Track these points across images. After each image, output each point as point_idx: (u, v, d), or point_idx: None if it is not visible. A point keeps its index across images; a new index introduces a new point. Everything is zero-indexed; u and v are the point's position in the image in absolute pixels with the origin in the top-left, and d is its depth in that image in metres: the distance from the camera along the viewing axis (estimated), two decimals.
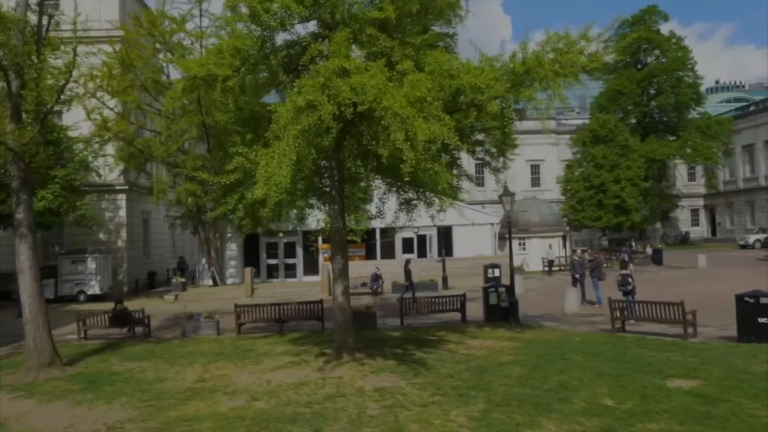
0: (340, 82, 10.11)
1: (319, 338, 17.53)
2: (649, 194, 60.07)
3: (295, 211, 15.93)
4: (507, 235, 40.38)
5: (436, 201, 13.73)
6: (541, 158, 68.06)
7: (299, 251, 36.72)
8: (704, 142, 61.32)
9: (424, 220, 17.89)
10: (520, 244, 40.15)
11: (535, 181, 69.07)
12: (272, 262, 36.79)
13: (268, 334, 18.85)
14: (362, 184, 15.60)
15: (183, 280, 32.16)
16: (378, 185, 15.22)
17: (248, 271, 30.85)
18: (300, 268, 36.78)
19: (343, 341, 14.10)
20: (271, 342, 17.34)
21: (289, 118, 10.10)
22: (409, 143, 9.69)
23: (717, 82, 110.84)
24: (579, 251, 24.07)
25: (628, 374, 11.91)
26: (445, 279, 30.80)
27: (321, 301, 19.42)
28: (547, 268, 37.87)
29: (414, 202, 15.31)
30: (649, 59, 64.77)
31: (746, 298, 14.42)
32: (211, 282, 34.05)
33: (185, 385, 12.59)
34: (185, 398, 11.52)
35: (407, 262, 26.98)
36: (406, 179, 10.97)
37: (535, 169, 69.08)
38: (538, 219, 41.03)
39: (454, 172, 15.00)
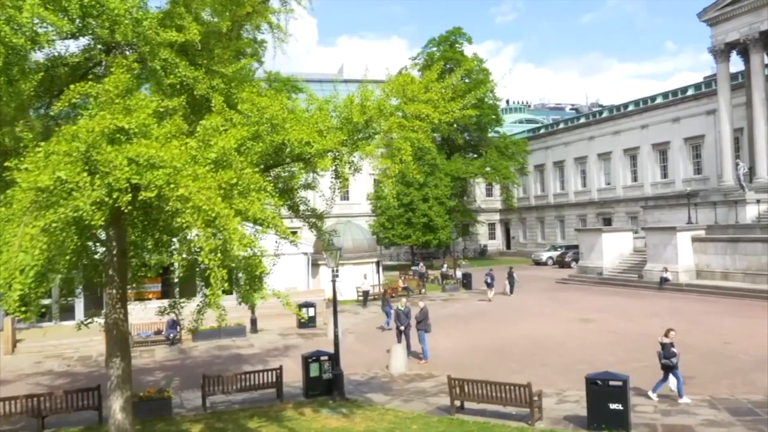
0: (114, 151, 6.63)
1: None
2: (453, 211, 61.64)
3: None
4: (320, 262, 38.09)
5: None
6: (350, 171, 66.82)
7: (78, 288, 30.92)
8: (502, 161, 64.27)
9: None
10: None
11: (345, 195, 67.80)
12: (44, 301, 30.51)
13: None
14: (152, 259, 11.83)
15: None
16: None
17: (8, 320, 24.93)
18: (80, 309, 30.96)
19: None
20: None
21: (27, 203, 6.42)
22: (218, 255, 6.52)
23: (507, 102, 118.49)
24: (404, 300, 22.11)
25: None
26: (254, 321, 27.47)
27: (98, 387, 15.20)
28: (362, 298, 36.09)
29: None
30: (453, 80, 66.43)
31: (595, 381, 13.14)
32: None
33: None
34: None
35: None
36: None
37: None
38: (351, 244, 39.08)
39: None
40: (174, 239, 10.27)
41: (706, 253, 35.50)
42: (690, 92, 53.88)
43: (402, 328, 21.20)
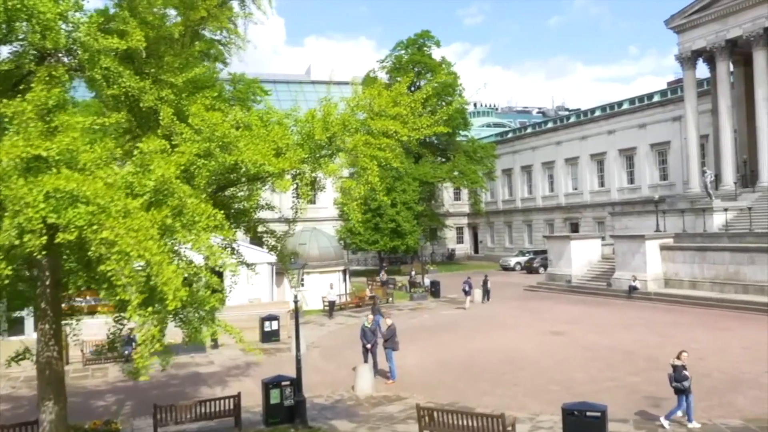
0: (27, 185, 5.62)
1: None
2: (421, 216, 60.98)
3: None
4: (283, 270, 37.00)
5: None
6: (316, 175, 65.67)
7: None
8: (471, 166, 63.82)
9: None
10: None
11: (311, 199, 66.65)
12: None
13: None
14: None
15: None
16: None
17: None
18: (30, 322, 29.31)
19: None
20: None
21: None
22: (149, 309, 5.56)
23: (475, 105, 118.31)
24: (371, 316, 21.21)
25: None
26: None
27: (36, 421, 13.97)
28: (327, 308, 35.11)
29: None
30: (422, 83, 65.85)
31: (572, 412, 12.46)
32: None
33: None
34: None
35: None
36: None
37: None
38: (317, 252, 38.13)
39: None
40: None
41: (675, 261, 35.38)
42: (656, 98, 54.13)
43: (368, 346, 20.32)
